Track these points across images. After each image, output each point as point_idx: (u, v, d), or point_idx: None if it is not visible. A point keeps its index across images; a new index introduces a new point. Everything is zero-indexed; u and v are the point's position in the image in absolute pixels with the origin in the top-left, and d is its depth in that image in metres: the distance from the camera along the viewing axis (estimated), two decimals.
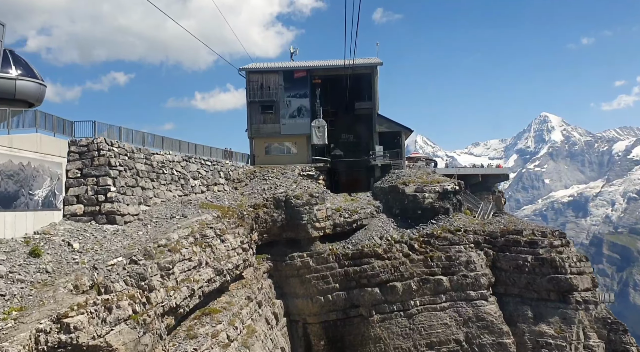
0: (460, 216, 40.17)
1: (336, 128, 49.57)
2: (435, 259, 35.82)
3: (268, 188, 38.83)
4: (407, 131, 46.26)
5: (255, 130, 45.34)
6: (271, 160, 44.76)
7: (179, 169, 32.17)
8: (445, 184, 39.51)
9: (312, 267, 35.69)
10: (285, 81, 45.06)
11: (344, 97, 46.92)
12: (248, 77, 45.06)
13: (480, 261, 36.02)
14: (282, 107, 45.12)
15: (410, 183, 39.28)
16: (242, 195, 38.17)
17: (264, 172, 41.56)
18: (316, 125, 44.47)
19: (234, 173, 40.21)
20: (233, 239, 25.88)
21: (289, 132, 45.21)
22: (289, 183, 39.83)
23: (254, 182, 40.28)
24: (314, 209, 36.35)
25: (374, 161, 44.77)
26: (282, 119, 45.13)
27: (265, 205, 36.71)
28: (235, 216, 30.74)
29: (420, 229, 37.92)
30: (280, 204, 36.63)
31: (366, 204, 39.96)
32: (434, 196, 38.39)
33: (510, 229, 37.34)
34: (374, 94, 45.79)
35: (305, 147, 45.53)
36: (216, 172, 37.46)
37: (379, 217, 39.17)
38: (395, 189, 39.58)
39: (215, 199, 34.22)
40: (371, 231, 37.93)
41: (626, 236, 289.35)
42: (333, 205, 38.82)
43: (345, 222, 37.57)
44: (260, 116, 45.20)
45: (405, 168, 44.29)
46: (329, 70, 46.07)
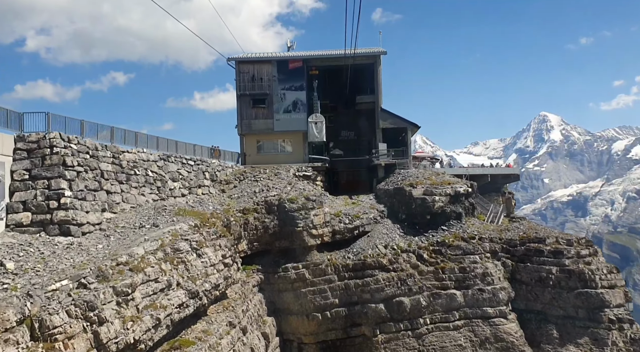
0: (474, 221, 36.10)
1: (335, 124, 45.52)
2: (448, 270, 31.72)
3: (259, 190, 34.73)
4: (414, 127, 42.14)
5: (245, 127, 41.18)
6: (263, 159, 40.63)
7: (154, 169, 28.00)
8: (457, 185, 35.40)
9: (308, 280, 31.61)
10: (279, 72, 40.93)
11: (344, 90, 42.86)
12: (238, 67, 40.89)
13: (498, 273, 31.93)
14: (276, 100, 40.98)
15: (417, 185, 35.16)
16: (229, 198, 34.04)
17: (255, 173, 37.43)
18: (313, 121, 40.33)
19: (221, 174, 36.07)
20: (213, 253, 21.71)
21: (284, 129, 41.07)
22: (283, 185, 35.72)
23: (243, 183, 36.15)
24: (310, 214, 32.26)
25: (377, 160, 40.63)
26: (275, 114, 40.98)
27: (255, 209, 32.66)
28: (218, 224, 26.59)
29: (430, 236, 33.82)
30: (273, 208, 32.59)
31: (369, 208, 35.83)
32: (444, 199, 34.27)
33: (530, 236, 33.23)
34: (377, 86, 41.66)
35: (301, 145, 41.40)
36: (200, 172, 33.31)
37: (384, 222, 35.05)
38: (401, 191, 35.45)
39: (198, 204, 30.09)
40: (375, 238, 33.81)
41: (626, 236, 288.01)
42: (332, 209, 34.72)
43: (346, 229, 33.45)
44: (252, 111, 41.03)
45: (412, 168, 40.16)
46: (328, 60, 41.95)
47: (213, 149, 36.80)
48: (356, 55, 37.60)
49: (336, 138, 46.04)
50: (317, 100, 41.24)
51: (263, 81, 40.59)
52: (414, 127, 41.96)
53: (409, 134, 41.71)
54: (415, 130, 42.67)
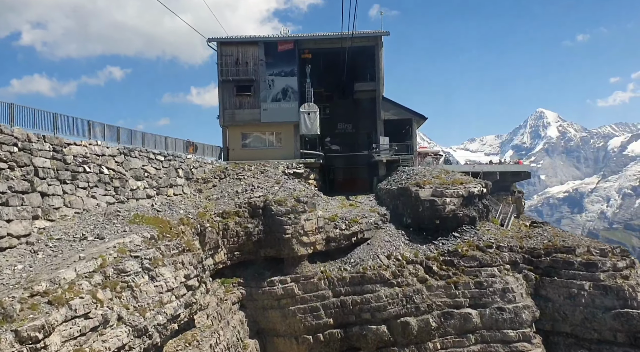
0: (489, 226, 31.44)
1: (331, 115, 40.80)
2: (461, 285, 27.08)
3: (242, 191, 29.97)
4: (420, 119, 37.35)
5: (228, 118, 36.31)
6: (249, 154, 35.84)
7: (111, 166, 23.09)
8: (471, 185, 30.70)
9: (298, 296, 26.98)
10: (267, 55, 36.06)
11: (341, 76, 38.08)
12: (220, 49, 35.96)
13: (520, 289, 27.30)
14: (263, 87, 36.12)
15: (425, 184, 30.43)
16: (207, 200, 29.25)
17: (238, 170, 32.62)
18: (306, 111, 35.51)
19: (198, 171, 31.23)
20: (172, 274, 16.91)
21: (272, 120, 36.24)
22: (270, 184, 30.96)
23: (224, 182, 31.34)
24: (300, 218, 27.60)
25: (377, 156, 35.89)
26: (262, 103, 36.15)
27: (237, 213, 27.97)
28: (188, 233, 21.81)
29: (440, 244, 29.15)
30: (258, 211, 27.95)
31: (369, 211, 31.10)
32: (456, 202, 29.57)
33: (557, 245, 28.58)
34: (378, 72, 36.85)
35: (292, 138, 36.62)
36: (172, 170, 28.46)
37: (386, 228, 30.34)
38: (406, 192, 30.72)
39: (166, 207, 25.28)
40: (376, 247, 29.12)
41: (621, 232, 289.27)
42: (326, 212, 30.03)
43: (342, 236, 28.74)
44: (235, 99, 36.16)
45: (417, 165, 35.43)
46: (322, 42, 37.06)
47: (188, 143, 31.92)
48: (355, 36, 32.84)
49: (332, 131, 41.30)
50: (310, 87, 36.44)
51: (248, 65, 35.71)
52: (419, 119, 37.18)
53: (414, 127, 36.94)
54: (421, 122, 37.95)
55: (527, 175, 53.94)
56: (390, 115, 36.49)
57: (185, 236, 22.16)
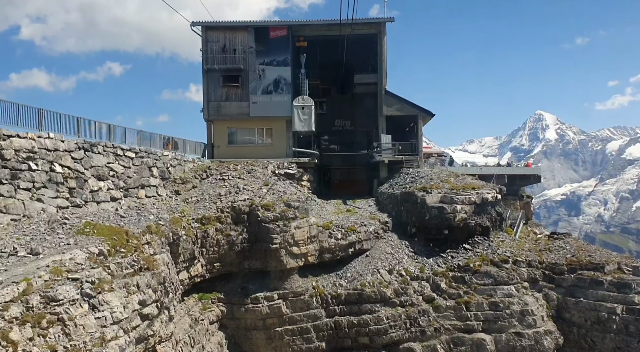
0: (503, 236, 28.01)
1: (328, 111, 37.30)
2: (474, 306, 23.60)
3: (226, 193, 26.48)
4: (426, 115, 33.77)
5: (214, 111, 32.71)
6: (236, 152, 32.28)
7: (66, 163, 19.49)
8: (484, 190, 27.22)
9: (286, 316, 23.52)
10: (257, 42, 32.47)
11: (340, 67, 34.55)
12: (205, 35, 32.34)
13: (540, 311, 23.85)
14: (253, 78, 32.55)
15: (433, 189, 26.92)
16: (185, 203, 25.71)
17: (223, 170, 29.09)
18: (300, 105, 31.96)
19: (176, 170, 27.67)
20: (121, 301, 13.32)
21: (262, 114, 32.68)
22: (257, 186, 27.45)
23: (206, 183, 27.79)
24: (290, 225, 24.12)
25: (378, 156, 32.39)
26: (252, 96, 32.58)
27: (218, 218, 24.53)
28: (155, 243, 18.25)
29: (449, 258, 25.68)
30: (242, 217, 24.52)
31: (368, 218, 27.59)
32: (468, 209, 26.07)
33: (582, 260, 25.11)
34: (381, 63, 33.29)
35: (284, 135, 33.10)
36: (145, 168, 24.87)
37: (388, 238, 26.85)
38: (411, 197, 27.21)
39: (134, 212, 21.74)
40: (376, 259, 25.62)
41: (618, 235, 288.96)
42: (320, 219, 26.57)
43: (338, 246, 25.24)
44: (222, 90, 32.58)
45: (423, 167, 31.90)
46: (319, 28, 33.45)
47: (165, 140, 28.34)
48: (356, 22, 29.36)
49: (328, 128, 37.81)
50: (305, 79, 32.89)
51: (237, 53, 32.10)
52: (426, 115, 33.60)
53: (420, 124, 33.35)
54: (427, 119, 34.39)
55: (537, 178, 50.49)
56: (394, 111, 32.94)
57: (152, 247, 18.61)
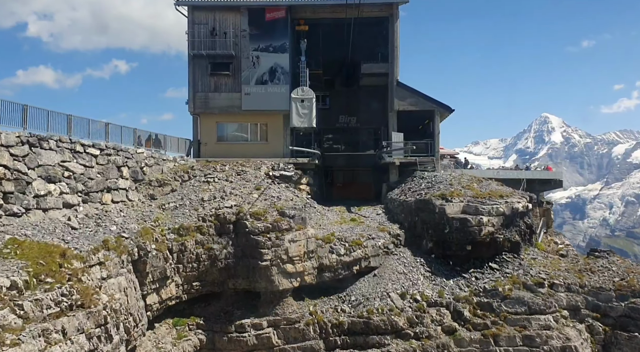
0: (534, 253, 23.94)
1: (332, 105, 33.31)
2: (504, 340, 19.54)
3: (210, 198, 22.54)
4: (444, 111, 29.57)
5: (201, 103, 28.68)
6: (226, 151, 28.28)
7: (3, 161, 15.53)
8: (514, 199, 23.14)
9: (277, 348, 19.70)
10: (251, 25, 28.43)
11: (345, 56, 30.46)
12: (191, 16, 28.30)
13: (585, 347, 19.77)
14: (246, 66, 28.52)
15: (453, 197, 22.83)
16: (160, 209, 21.77)
17: (208, 171, 25.11)
18: (299, 98, 27.92)
19: (153, 170, 23.67)
20: None
21: (255, 107, 28.64)
22: (247, 190, 23.47)
23: (187, 186, 23.80)
24: (284, 238, 20.19)
25: (388, 157, 28.31)
26: (244, 86, 28.55)
27: (199, 229, 20.70)
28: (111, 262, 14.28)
29: (473, 279, 21.61)
30: (227, 227, 20.72)
31: (377, 229, 23.53)
32: (496, 222, 21.97)
33: (634, 285, 20.99)
34: (393, 50, 29.17)
35: (281, 131, 29.09)
36: (113, 168, 20.87)
37: (399, 254, 22.78)
38: (427, 206, 23.12)
39: (92, 222, 17.86)
40: (385, 280, 21.57)
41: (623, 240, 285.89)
42: (320, 230, 22.60)
43: (340, 264, 21.24)
44: (210, 80, 28.56)
45: (440, 170, 27.78)
46: (323, 9, 29.34)
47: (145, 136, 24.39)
48: (364, 3, 25.39)
49: (331, 124, 33.78)
50: (305, 68, 28.85)
51: (227, 37, 28.08)
52: (444, 111, 29.43)
53: (437, 121, 29.19)
54: (445, 115, 30.20)
55: (558, 183, 46.20)
56: (407, 106, 28.82)
57: (105, 269, 14.63)
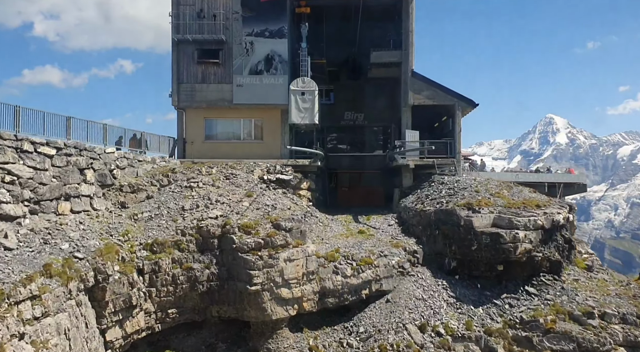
0: (575, 272, 20.22)
1: (337, 101, 29.72)
2: None
3: (191, 207, 18.99)
4: (467, 105, 25.75)
5: (186, 96, 25.04)
6: (215, 151, 24.68)
7: None
8: (554, 210, 19.45)
9: None
10: (244, 6, 24.78)
11: (352, 43, 26.80)
12: None
13: None
14: (238, 53, 24.89)
15: (482, 206, 19.15)
16: (132, 220, 18.20)
17: (192, 174, 21.49)
18: (299, 90, 24.27)
19: (125, 173, 20.08)
20: None
21: (249, 101, 25.01)
22: (237, 197, 19.88)
23: (166, 192, 20.19)
24: (279, 256, 16.66)
25: (401, 159, 24.58)
26: (236, 76, 24.91)
27: (177, 244, 17.23)
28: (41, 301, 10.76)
29: (506, 306, 17.93)
30: (211, 243, 17.27)
31: (390, 244, 19.86)
32: (534, 237, 18.29)
33: None
34: (407, 36, 25.45)
35: (279, 129, 25.46)
36: (74, 171, 17.28)
37: (417, 275, 19.09)
38: (450, 217, 19.41)
39: (38, 239, 14.41)
40: (401, 308, 17.90)
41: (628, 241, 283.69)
42: (323, 244, 18.99)
43: (347, 287, 17.62)
44: (197, 69, 24.92)
45: (462, 173, 24.04)
46: None
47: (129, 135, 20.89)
48: None
49: (336, 122, 30.20)
50: (306, 56, 25.20)
51: (217, 19, 24.45)
52: (466, 105, 25.64)
53: (458, 117, 25.44)
54: (467, 111, 26.37)
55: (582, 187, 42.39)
56: (423, 100, 25.11)
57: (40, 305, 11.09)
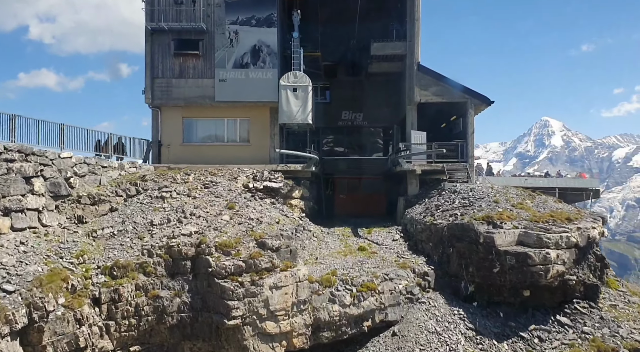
0: (610, 296, 17.36)
1: (333, 99, 26.91)
2: None
3: (162, 222, 16.11)
4: (481, 103, 22.83)
5: (161, 92, 22.06)
6: (196, 154, 21.72)
7: None
8: (587, 224, 16.61)
9: None
10: None
11: (351, 34, 23.93)
12: None
13: None
14: (221, 44, 21.95)
15: (503, 220, 16.27)
16: (90, 238, 15.25)
17: (164, 182, 18.56)
18: (290, 85, 21.34)
19: (85, 182, 17.12)
20: None
21: (233, 98, 22.06)
22: (216, 209, 16.98)
23: (132, 204, 17.24)
24: (264, 283, 13.82)
25: (407, 163, 21.61)
26: (219, 70, 21.97)
27: (143, 267, 14.41)
28: None
29: (535, 340, 15.02)
30: (183, 265, 14.47)
31: (396, 265, 16.92)
32: (567, 257, 15.42)
33: None
34: (413, 24, 22.58)
35: (267, 129, 22.52)
36: (17, 180, 14.32)
37: (429, 302, 16.15)
38: (467, 233, 16.50)
39: None
40: (410, 342, 14.97)
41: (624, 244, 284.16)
42: (317, 265, 16.10)
43: (345, 318, 14.70)
44: (174, 62, 21.98)
45: (475, 180, 21.15)
46: None
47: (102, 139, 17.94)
48: None
49: (333, 122, 27.38)
50: (299, 47, 22.27)
51: (197, 6, 21.52)
52: (480, 103, 22.70)
53: (471, 116, 22.54)
54: (481, 109, 23.47)
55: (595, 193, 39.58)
56: (430, 96, 22.22)
57: None
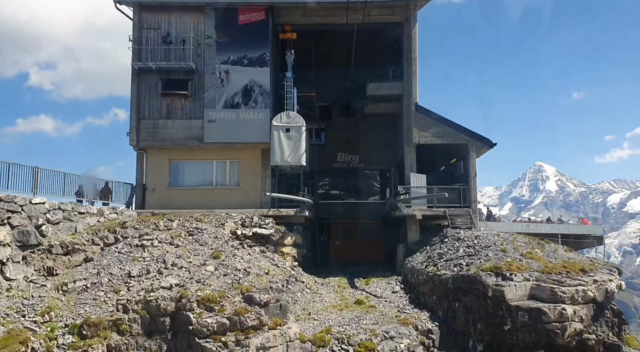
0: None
1: (328, 141, 25.97)
2: None
3: (140, 273, 14.67)
4: (482, 145, 21.76)
5: (147, 134, 20.95)
6: (182, 199, 20.45)
7: None
8: (604, 276, 15.28)
9: None
10: (219, 30, 21.23)
11: (346, 75, 23.25)
12: (138, 17, 21.02)
13: None
14: (211, 84, 21.10)
15: (513, 271, 14.89)
16: (60, 293, 13.75)
17: (145, 229, 17.19)
18: (283, 126, 20.35)
19: (57, 230, 15.73)
20: None
21: (223, 139, 20.98)
22: (200, 259, 15.57)
23: (110, 254, 15.81)
24: (250, 343, 12.28)
25: (406, 208, 20.32)
26: (208, 110, 21.00)
27: (116, 324, 12.83)
28: None
29: None
30: (161, 322, 12.86)
31: (396, 320, 15.36)
32: (585, 314, 13.98)
33: None
34: (410, 64, 21.88)
35: (259, 172, 21.34)
36: None
37: None
38: (473, 285, 15.04)
39: None
40: None
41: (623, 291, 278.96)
42: (310, 321, 14.59)
43: None
44: (161, 102, 21.00)
45: (479, 227, 19.87)
46: (315, 12, 22.11)
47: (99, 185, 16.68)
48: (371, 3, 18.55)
49: (328, 164, 26.31)
50: (292, 87, 21.46)
51: (186, 45, 20.79)
52: (482, 145, 21.66)
53: (473, 158, 21.44)
54: (483, 151, 22.41)
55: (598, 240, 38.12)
56: (430, 138, 21.21)
57: None
